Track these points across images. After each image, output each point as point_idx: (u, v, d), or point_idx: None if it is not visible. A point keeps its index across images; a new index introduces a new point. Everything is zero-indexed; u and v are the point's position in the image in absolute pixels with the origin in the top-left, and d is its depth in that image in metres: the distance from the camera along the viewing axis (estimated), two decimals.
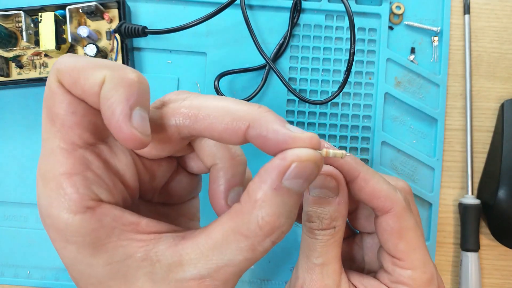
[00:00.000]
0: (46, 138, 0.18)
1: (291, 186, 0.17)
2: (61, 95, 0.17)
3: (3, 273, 0.37)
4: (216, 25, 0.37)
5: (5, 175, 0.37)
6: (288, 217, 0.17)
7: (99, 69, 0.16)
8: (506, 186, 0.36)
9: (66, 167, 0.17)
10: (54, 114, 0.17)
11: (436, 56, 0.38)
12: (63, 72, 0.17)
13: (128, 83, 0.16)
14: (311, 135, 0.17)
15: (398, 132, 0.38)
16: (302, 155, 0.17)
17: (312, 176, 0.17)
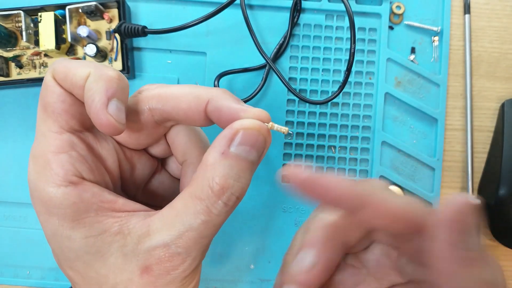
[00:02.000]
0: (39, 124, 0.20)
1: (238, 151, 0.19)
2: (53, 87, 0.20)
3: (2, 273, 0.37)
4: (216, 25, 0.37)
5: (4, 175, 0.37)
6: (236, 180, 0.19)
7: (85, 67, 0.19)
8: (506, 186, 0.36)
9: (54, 147, 0.19)
10: (47, 103, 0.20)
11: (436, 56, 0.38)
12: (57, 69, 0.20)
13: (107, 78, 0.19)
14: (259, 110, 0.20)
15: (398, 132, 0.38)
16: (246, 123, 0.19)
17: (258, 143, 0.19)
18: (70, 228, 0.19)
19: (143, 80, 0.37)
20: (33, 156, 0.20)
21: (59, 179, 0.19)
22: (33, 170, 0.20)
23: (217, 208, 0.19)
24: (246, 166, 0.19)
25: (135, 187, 0.24)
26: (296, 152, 0.38)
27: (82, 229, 0.19)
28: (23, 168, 0.37)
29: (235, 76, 0.38)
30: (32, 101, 0.37)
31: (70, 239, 0.19)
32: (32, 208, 0.37)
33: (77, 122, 0.20)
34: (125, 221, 0.19)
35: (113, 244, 0.19)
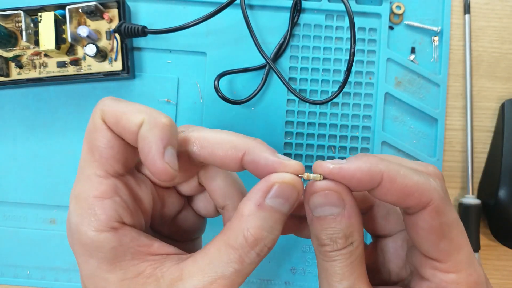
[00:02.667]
0: (83, 166, 0.21)
1: (273, 204, 0.20)
2: (104, 131, 0.20)
3: (3, 273, 0.37)
4: (216, 25, 0.37)
5: (5, 175, 0.37)
6: (269, 232, 0.20)
7: (139, 113, 0.20)
8: (506, 186, 0.36)
9: (99, 191, 0.20)
10: (95, 146, 0.20)
11: (436, 56, 0.38)
12: (108, 113, 0.20)
13: (161, 126, 0.19)
14: (295, 162, 0.20)
15: (398, 132, 0.38)
16: (282, 177, 0.20)
17: (292, 197, 0.20)
18: (108, 271, 0.20)
19: (143, 80, 0.37)
20: (76, 197, 0.20)
21: (102, 225, 0.19)
22: (75, 212, 0.20)
23: (250, 258, 0.19)
24: (279, 218, 0.20)
25: (162, 223, 0.25)
26: (296, 152, 0.38)
27: (118, 272, 0.20)
28: (23, 168, 0.37)
29: (235, 76, 0.38)
30: (32, 101, 0.37)
31: (107, 281, 0.20)
32: (32, 208, 0.37)
33: (122, 166, 0.21)
34: (158, 264, 0.20)
35: (146, 286, 0.20)
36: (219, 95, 0.35)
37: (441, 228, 0.20)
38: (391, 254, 0.25)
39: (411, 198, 0.20)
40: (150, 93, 0.37)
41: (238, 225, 0.20)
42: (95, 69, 0.36)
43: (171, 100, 0.37)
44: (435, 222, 0.20)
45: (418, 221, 0.20)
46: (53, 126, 0.37)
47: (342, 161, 0.20)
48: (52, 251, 0.37)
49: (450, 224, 0.20)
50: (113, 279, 0.20)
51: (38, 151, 0.37)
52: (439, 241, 0.20)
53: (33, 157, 0.37)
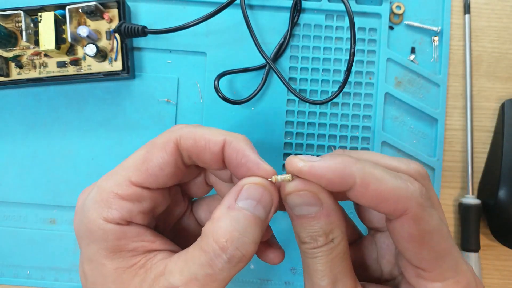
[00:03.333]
0: (127, 164, 0.21)
1: (244, 206, 0.20)
2: (166, 153, 0.21)
3: (2, 273, 0.37)
4: (216, 25, 0.37)
5: (5, 175, 0.37)
6: (242, 234, 0.19)
7: (218, 134, 0.21)
8: (506, 186, 0.36)
9: (124, 193, 0.21)
10: (148, 159, 0.21)
11: (436, 56, 0.38)
12: (186, 136, 0.21)
13: (245, 139, 0.22)
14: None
15: (399, 132, 0.38)
16: (252, 179, 0.20)
17: (264, 199, 0.20)
18: (106, 257, 0.20)
19: (143, 80, 0.37)
20: (100, 186, 0.21)
21: (112, 218, 0.20)
22: (92, 198, 0.21)
23: (221, 263, 0.19)
24: (252, 221, 0.20)
25: (165, 227, 0.26)
26: (296, 152, 0.38)
27: (116, 260, 0.20)
28: (23, 168, 0.37)
29: (235, 76, 0.38)
30: (32, 101, 0.37)
31: (104, 267, 0.20)
32: (32, 208, 0.37)
33: (157, 184, 0.22)
34: (151, 257, 0.21)
35: (136, 278, 0.20)
36: (219, 95, 0.35)
37: (421, 236, 0.19)
38: (383, 250, 0.24)
39: (386, 204, 0.19)
40: (150, 93, 0.37)
41: (209, 228, 0.20)
42: (95, 69, 0.36)
43: (171, 100, 0.37)
44: (414, 230, 0.19)
45: (397, 228, 0.19)
46: (53, 126, 0.37)
47: (315, 158, 0.20)
48: (52, 251, 0.37)
49: (431, 231, 0.19)
50: (109, 266, 0.20)
51: (38, 151, 0.37)
52: (420, 250, 0.19)
53: (33, 157, 0.37)
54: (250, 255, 0.20)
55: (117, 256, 0.20)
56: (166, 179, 0.22)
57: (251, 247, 0.19)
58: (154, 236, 0.22)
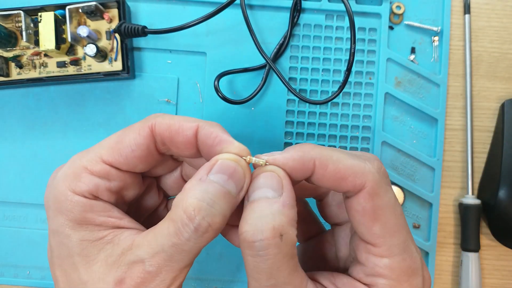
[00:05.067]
0: (102, 144, 0.22)
1: (215, 179, 0.20)
2: (139, 135, 0.22)
3: (3, 273, 0.37)
4: (216, 25, 0.37)
5: (5, 175, 0.37)
6: (210, 205, 0.19)
7: (192, 121, 0.22)
8: (506, 186, 0.36)
9: (93, 168, 0.21)
10: (122, 140, 0.22)
11: (436, 56, 0.38)
12: (161, 122, 0.22)
13: (218, 124, 0.22)
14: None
15: (398, 132, 0.38)
16: (225, 155, 0.21)
17: (235, 174, 0.20)
18: (72, 228, 0.21)
19: (143, 80, 0.37)
20: (73, 161, 0.22)
21: (80, 191, 0.21)
22: (64, 171, 0.22)
23: (187, 232, 0.19)
24: (222, 193, 0.20)
25: (137, 216, 0.26)
26: None
27: (82, 232, 0.21)
28: (23, 168, 0.37)
29: (235, 76, 0.38)
30: (32, 101, 0.37)
31: (68, 238, 0.21)
32: (32, 208, 0.37)
33: (127, 167, 0.22)
34: (118, 233, 0.21)
35: (102, 252, 0.20)
36: (219, 95, 0.35)
37: (374, 211, 0.20)
38: (340, 243, 0.25)
39: (346, 182, 0.20)
40: (150, 93, 0.37)
41: (179, 198, 0.20)
42: (95, 69, 0.36)
43: (171, 100, 0.37)
44: (368, 204, 0.20)
45: (353, 204, 0.20)
46: (53, 126, 0.37)
47: (278, 152, 0.21)
48: None
49: (384, 208, 0.20)
50: (74, 237, 0.20)
51: (38, 151, 0.37)
52: (372, 224, 0.20)
53: (33, 157, 0.37)
54: (217, 227, 0.19)
55: (83, 228, 0.21)
56: (136, 162, 0.22)
57: (218, 219, 0.19)
58: (122, 214, 0.22)
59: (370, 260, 0.20)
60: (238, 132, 0.38)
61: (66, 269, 0.21)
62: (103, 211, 0.21)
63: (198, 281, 0.37)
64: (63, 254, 0.21)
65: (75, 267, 0.20)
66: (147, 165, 0.23)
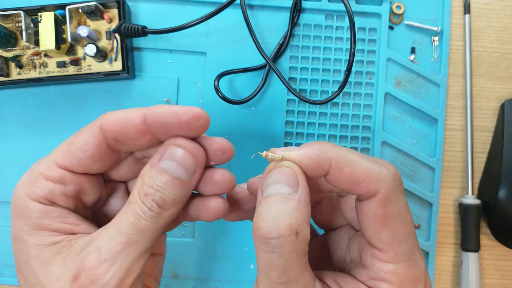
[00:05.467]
0: (56, 149, 0.22)
1: (165, 166, 0.20)
2: (89, 136, 0.22)
3: (3, 273, 0.37)
4: (216, 25, 0.37)
5: (5, 175, 0.37)
6: (158, 190, 0.20)
7: (138, 109, 0.22)
8: (506, 186, 0.36)
9: (47, 173, 0.22)
10: (74, 142, 0.22)
11: (436, 56, 0.38)
12: (108, 118, 0.22)
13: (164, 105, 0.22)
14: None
15: (399, 132, 0.38)
16: (176, 141, 0.21)
17: (185, 162, 0.21)
18: (28, 234, 0.21)
19: (143, 80, 0.37)
20: (33, 167, 0.22)
21: (35, 197, 0.21)
22: (23, 177, 0.22)
23: (142, 211, 0.20)
24: (170, 180, 0.20)
25: (106, 219, 0.25)
26: None
27: (38, 237, 0.21)
28: (23, 168, 0.37)
29: (235, 76, 0.38)
30: (32, 101, 0.37)
31: (25, 242, 0.21)
32: None
33: (82, 169, 0.22)
34: (75, 237, 0.21)
35: (58, 255, 0.21)
36: (219, 95, 0.35)
37: (384, 217, 0.20)
38: (334, 247, 0.25)
39: (360, 186, 0.19)
40: (150, 93, 0.37)
41: (136, 185, 0.21)
42: (95, 69, 0.36)
43: (171, 100, 0.38)
44: (380, 211, 0.20)
45: (365, 208, 0.20)
46: (53, 126, 0.37)
47: (294, 148, 0.20)
48: None
49: (395, 215, 0.20)
50: (30, 242, 0.21)
51: (38, 151, 0.37)
52: (381, 230, 0.20)
53: (33, 157, 0.37)
54: (171, 209, 0.20)
55: (39, 234, 0.21)
56: (89, 162, 0.22)
57: (168, 201, 0.20)
58: (79, 220, 0.22)
59: (375, 264, 0.20)
60: (238, 132, 0.38)
61: (24, 274, 0.21)
62: (59, 217, 0.22)
63: (198, 281, 0.37)
64: (22, 259, 0.21)
65: (32, 271, 0.21)
66: (102, 165, 0.23)
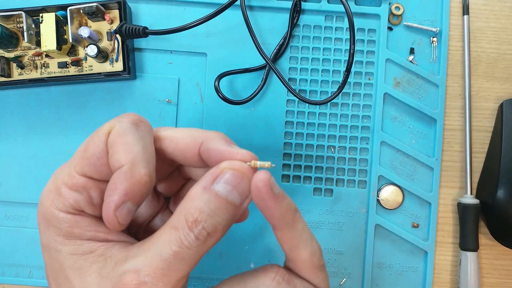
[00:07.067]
0: (75, 154, 0.22)
1: (219, 189, 0.20)
2: (102, 143, 0.21)
3: (4, 272, 0.37)
4: (216, 26, 0.38)
5: (6, 175, 0.37)
6: (210, 216, 0.19)
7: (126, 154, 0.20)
8: (505, 185, 0.36)
9: (70, 182, 0.21)
10: (90, 149, 0.21)
11: (435, 56, 0.38)
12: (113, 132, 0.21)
13: (135, 180, 0.20)
14: (246, 151, 0.21)
15: (398, 132, 0.38)
16: (232, 164, 0.20)
17: (240, 185, 0.20)
18: (61, 243, 0.21)
19: (144, 81, 0.38)
20: (55, 175, 0.22)
21: (63, 207, 0.21)
22: (47, 187, 0.22)
23: (188, 240, 0.19)
24: (224, 205, 0.20)
25: (137, 225, 0.25)
26: (296, 152, 0.38)
27: (71, 246, 0.21)
28: (24, 168, 0.37)
29: (236, 76, 0.38)
30: (34, 101, 0.38)
31: (59, 252, 0.21)
32: (33, 207, 0.37)
33: (101, 176, 0.21)
34: (110, 246, 0.21)
35: (94, 265, 0.20)
36: (219, 96, 0.36)
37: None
38: None
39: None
40: (151, 94, 0.38)
41: (182, 206, 0.20)
42: (96, 69, 0.36)
43: (171, 100, 0.38)
44: None
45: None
46: (54, 126, 0.38)
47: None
48: None
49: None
50: (65, 251, 0.21)
51: (40, 151, 0.37)
52: None
53: (34, 157, 0.37)
54: (218, 236, 0.20)
55: (72, 243, 0.21)
56: (107, 170, 0.21)
57: (218, 229, 0.20)
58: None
59: None
60: (238, 132, 0.38)
61: (59, 283, 0.21)
62: (90, 226, 0.21)
63: (198, 280, 0.37)
64: (56, 268, 0.21)
65: (68, 280, 0.20)
66: None
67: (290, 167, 0.38)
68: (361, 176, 0.38)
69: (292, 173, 0.38)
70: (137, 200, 0.20)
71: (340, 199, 0.38)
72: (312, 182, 0.38)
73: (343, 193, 0.38)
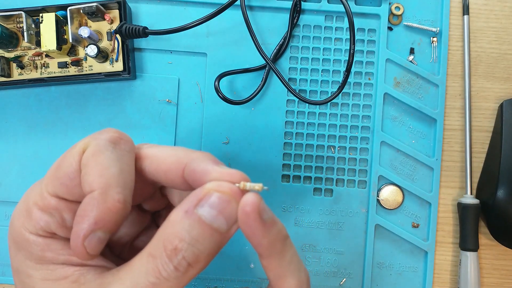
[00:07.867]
0: (47, 174, 0.20)
1: (203, 214, 0.17)
2: (75, 162, 0.19)
3: (3, 272, 0.37)
4: (216, 26, 0.38)
5: (6, 175, 0.37)
6: (191, 244, 0.17)
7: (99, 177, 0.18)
8: (505, 185, 0.36)
9: (41, 203, 0.19)
10: (62, 167, 0.19)
11: (435, 56, 0.38)
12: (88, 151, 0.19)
13: (107, 208, 0.18)
14: (235, 171, 0.18)
15: (398, 132, 0.38)
16: (219, 185, 0.18)
17: (227, 211, 0.18)
18: (33, 268, 0.19)
19: (144, 81, 0.38)
20: (26, 195, 0.20)
21: (33, 229, 0.19)
22: (17, 207, 0.20)
23: (167, 271, 0.17)
24: (208, 232, 0.17)
25: (121, 244, 0.24)
26: (296, 152, 0.38)
27: (44, 271, 0.19)
28: (24, 168, 0.37)
29: (236, 76, 0.38)
30: (34, 101, 0.38)
31: (31, 277, 0.19)
32: None
33: (73, 196, 0.20)
34: (85, 271, 0.19)
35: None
36: (219, 96, 0.36)
37: None
38: None
39: None
40: (150, 94, 0.38)
41: (161, 231, 0.18)
42: (96, 69, 0.36)
43: (171, 100, 0.38)
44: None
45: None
46: (54, 126, 0.38)
47: None
48: None
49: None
50: (36, 276, 0.19)
51: (39, 151, 0.37)
52: None
53: (34, 157, 0.37)
54: (200, 266, 0.18)
55: (45, 268, 0.19)
56: (82, 191, 0.19)
57: (200, 259, 0.17)
58: None
59: None
60: (238, 132, 0.38)
61: None
62: (63, 249, 0.19)
63: (198, 280, 0.37)
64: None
65: None
66: None
67: (290, 167, 0.38)
68: (361, 176, 0.38)
69: (292, 173, 0.38)
70: (109, 228, 0.18)
71: (340, 199, 0.38)
72: (312, 182, 0.38)
73: (343, 193, 0.38)
